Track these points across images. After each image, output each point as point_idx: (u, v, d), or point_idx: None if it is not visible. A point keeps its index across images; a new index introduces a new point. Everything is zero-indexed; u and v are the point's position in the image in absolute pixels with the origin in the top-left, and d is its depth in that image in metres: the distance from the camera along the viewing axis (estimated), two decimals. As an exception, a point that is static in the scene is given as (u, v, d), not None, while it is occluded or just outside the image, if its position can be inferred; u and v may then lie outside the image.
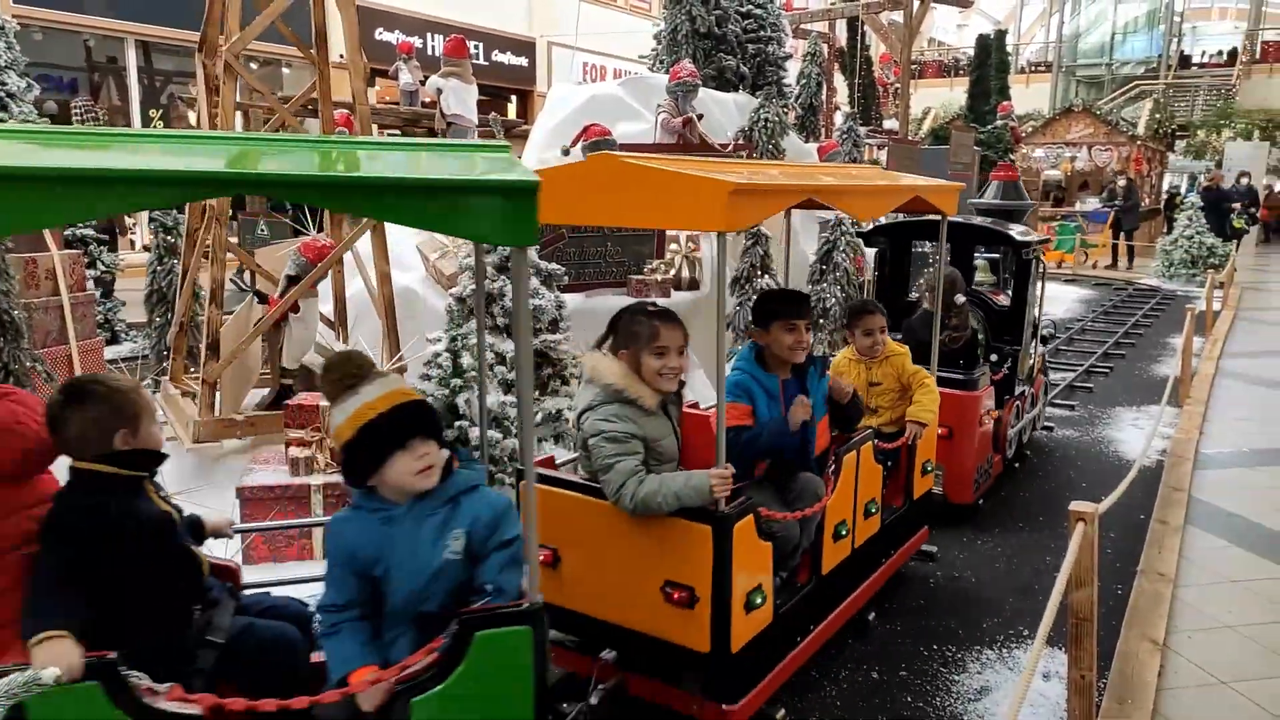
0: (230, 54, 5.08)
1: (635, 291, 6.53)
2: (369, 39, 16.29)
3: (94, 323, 6.12)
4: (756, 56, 9.93)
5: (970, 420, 4.89)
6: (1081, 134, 21.40)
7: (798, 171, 4.08)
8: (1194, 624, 3.90)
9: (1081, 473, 6.00)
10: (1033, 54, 36.60)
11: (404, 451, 2.16)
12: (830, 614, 3.46)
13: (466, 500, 2.24)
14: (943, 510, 4.84)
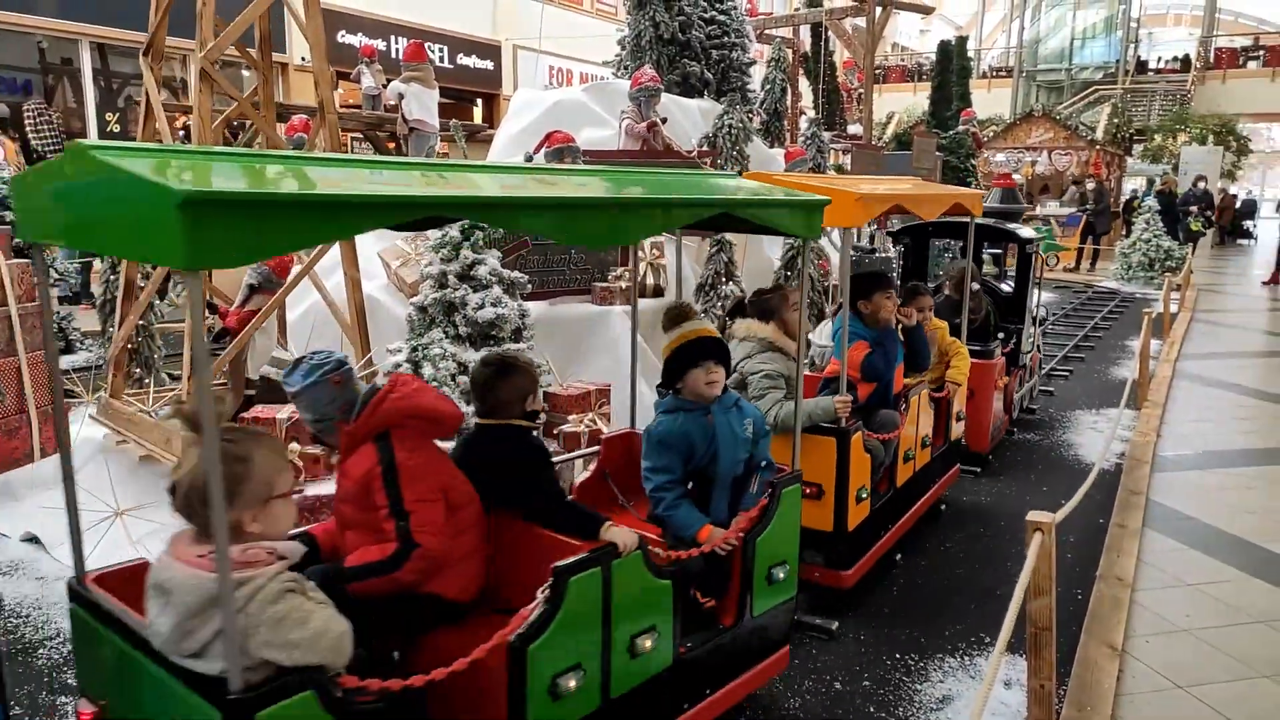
0: (207, 61, 4.99)
1: (600, 299, 6.50)
2: (331, 41, 16.13)
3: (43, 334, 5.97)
4: (721, 62, 9.94)
5: (988, 384, 5.95)
6: (1042, 138, 21.73)
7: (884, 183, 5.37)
8: (1152, 628, 3.94)
9: (1042, 476, 6.07)
10: (994, 59, 37.10)
11: (698, 368, 3.04)
12: (903, 516, 4.57)
13: (742, 404, 3.16)
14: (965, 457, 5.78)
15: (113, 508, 4.42)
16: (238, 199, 1.56)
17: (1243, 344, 10.87)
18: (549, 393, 5.73)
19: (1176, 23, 41.08)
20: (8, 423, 5.47)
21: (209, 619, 1.81)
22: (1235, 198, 26.94)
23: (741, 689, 3.09)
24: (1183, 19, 40.55)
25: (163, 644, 1.89)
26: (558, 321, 6.40)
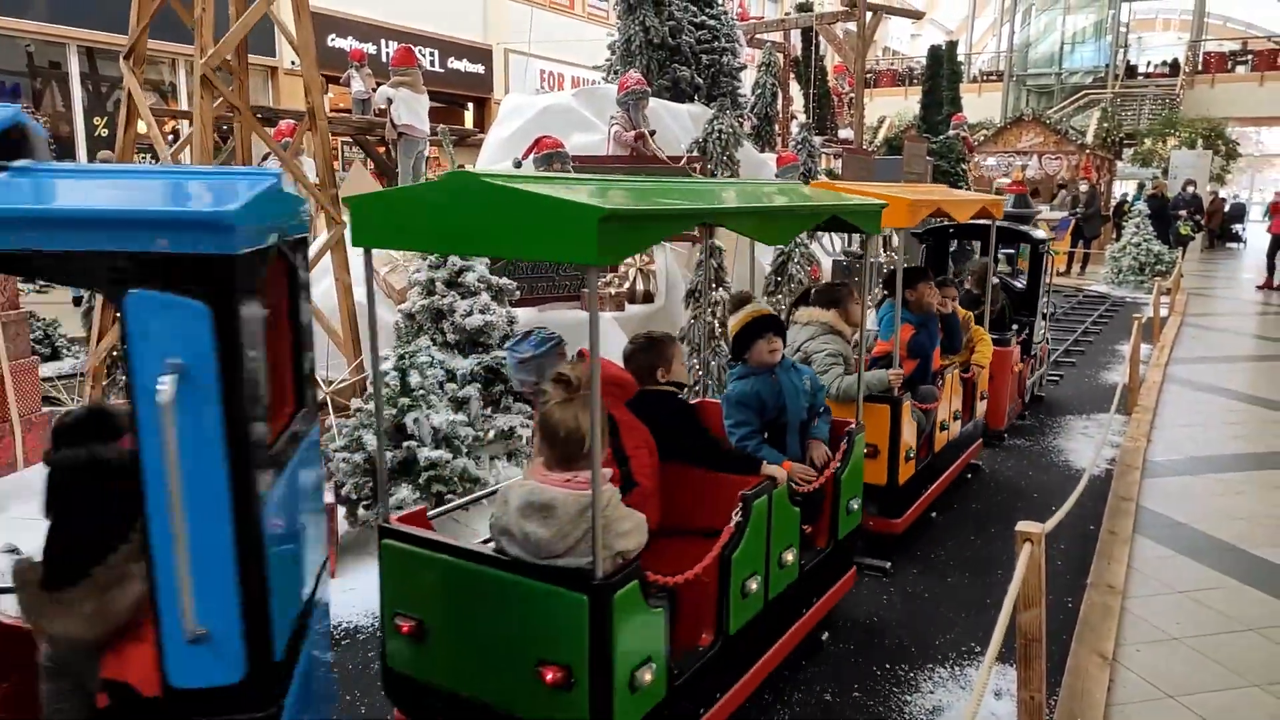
0: (208, 67, 4.96)
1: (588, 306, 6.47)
2: (321, 45, 16.07)
3: (28, 342, 5.90)
4: (711, 67, 9.92)
5: (1005, 370, 6.66)
6: (1032, 143, 21.79)
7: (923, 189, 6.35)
8: (1142, 637, 3.93)
9: (1032, 483, 6.06)
10: (984, 63, 37.21)
11: (761, 340, 3.82)
12: (939, 478, 5.31)
13: (798, 365, 4.02)
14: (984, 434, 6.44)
15: (95, 518, 4.36)
16: (626, 214, 2.28)
17: (1232, 348, 10.90)
18: (538, 400, 5.70)
19: (1165, 27, 41.27)
20: (-10, 432, 5.41)
21: (580, 524, 2.46)
22: (1224, 201, 27.07)
23: (831, 599, 3.85)
24: (1171, 24, 40.74)
25: (536, 550, 2.50)
26: (547, 328, 6.36)
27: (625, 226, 2.28)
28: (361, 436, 4.70)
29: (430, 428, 4.75)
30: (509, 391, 5.63)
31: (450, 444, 4.87)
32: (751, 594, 3.13)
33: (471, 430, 5.07)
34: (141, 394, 1.60)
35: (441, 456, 4.71)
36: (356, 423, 4.79)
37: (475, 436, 5.14)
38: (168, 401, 1.58)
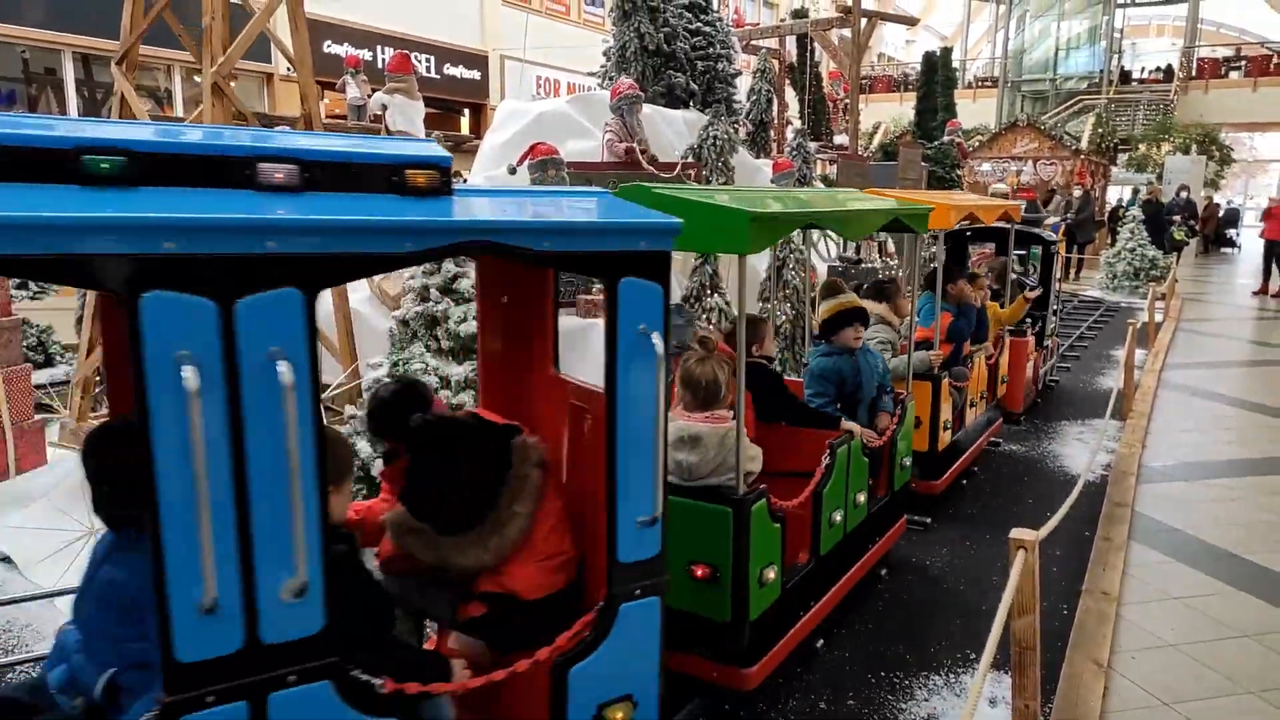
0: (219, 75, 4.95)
1: (584, 311, 6.46)
2: (317, 51, 16.07)
3: (20, 349, 5.88)
4: (706, 73, 9.93)
5: (1022, 357, 7.48)
6: (1027, 148, 21.83)
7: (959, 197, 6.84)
8: (1138, 643, 3.92)
9: (1028, 488, 6.05)
10: (979, 69, 37.31)
11: (850, 327, 4.50)
12: (970, 448, 6.06)
13: (871, 350, 4.72)
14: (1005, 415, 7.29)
15: (86, 526, 4.34)
16: (765, 216, 3.11)
17: (1227, 353, 10.91)
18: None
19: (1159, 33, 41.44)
20: (-18, 439, 5.39)
21: (721, 451, 3.20)
22: (1219, 207, 27.14)
23: (888, 541, 4.56)
24: (1165, 30, 40.91)
25: (688, 473, 3.23)
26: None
27: (764, 225, 3.12)
28: (356, 444, 4.68)
29: (424, 435, 4.74)
30: (503, 398, 5.62)
31: (444, 451, 4.86)
32: (836, 524, 3.94)
33: (466, 437, 5.06)
34: (623, 346, 2.30)
35: (435, 464, 4.69)
36: (350, 430, 4.77)
37: (469, 443, 5.12)
38: (660, 353, 2.31)
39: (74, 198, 1.62)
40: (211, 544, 1.69)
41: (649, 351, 2.29)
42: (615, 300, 2.26)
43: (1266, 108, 28.47)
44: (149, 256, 1.59)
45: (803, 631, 3.59)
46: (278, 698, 1.82)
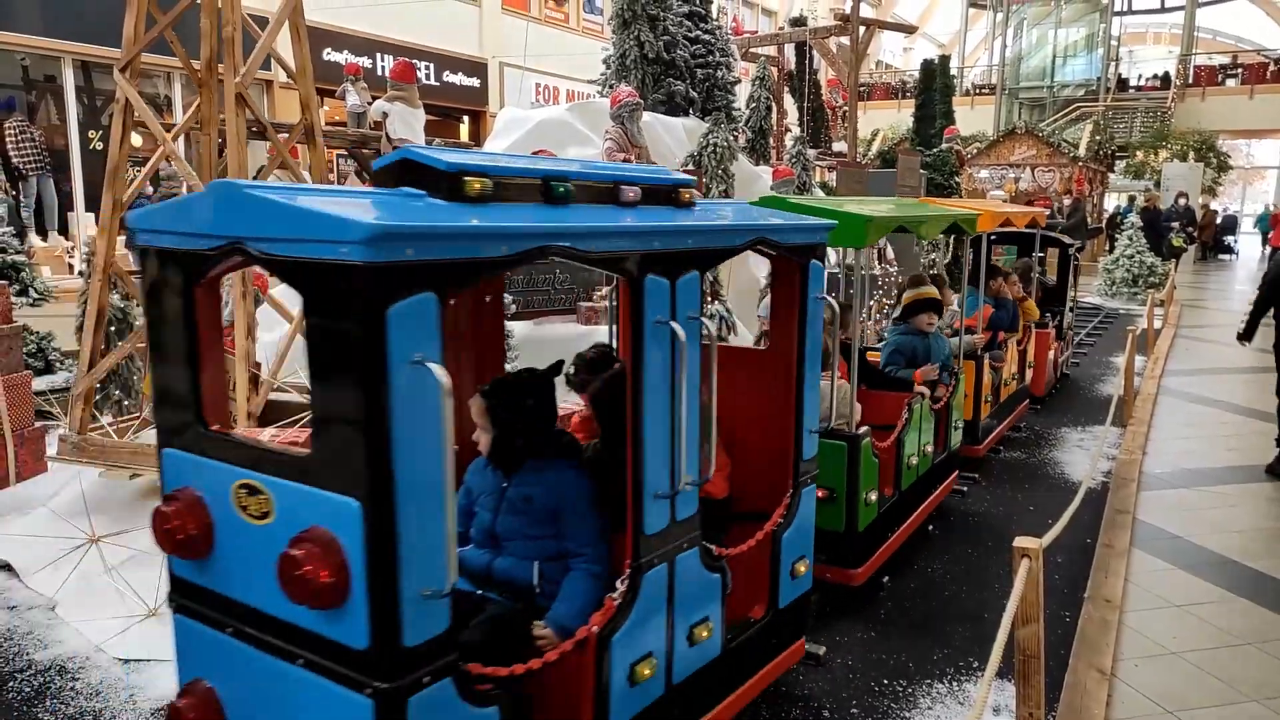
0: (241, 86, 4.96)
1: (585, 319, 6.46)
2: (317, 59, 16.09)
3: (21, 356, 5.87)
4: (706, 81, 9.95)
5: (1044, 347, 8.38)
6: (1025, 155, 21.88)
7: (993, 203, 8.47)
8: (1140, 651, 3.92)
9: (1029, 495, 6.05)
10: (977, 76, 37.42)
11: (924, 313, 5.50)
12: (1004, 422, 7.09)
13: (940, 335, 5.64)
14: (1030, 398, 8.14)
15: (87, 534, 4.33)
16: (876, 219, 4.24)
17: (1226, 360, 10.92)
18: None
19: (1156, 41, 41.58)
20: (-18, 447, 5.38)
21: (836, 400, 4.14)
22: (1216, 214, 27.20)
23: (944, 491, 5.50)
24: (1162, 37, 41.05)
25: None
26: (543, 342, 6.35)
27: (874, 226, 4.24)
28: (356, 451, 4.68)
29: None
30: (505, 405, 5.62)
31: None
32: (912, 466, 4.84)
33: (466, 445, 5.06)
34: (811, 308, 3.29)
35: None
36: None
37: (471, 451, 5.12)
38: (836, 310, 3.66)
39: (560, 213, 2.34)
40: (665, 453, 2.60)
41: (820, 312, 3.36)
42: (805, 276, 3.25)
43: (1263, 115, 28.57)
44: (647, 252, 2.47)
45: (892, 547, 4.62)
46: (682, 557, 2.75)
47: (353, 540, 1.90)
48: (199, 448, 2.25)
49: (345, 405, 1.90)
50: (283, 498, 2.04)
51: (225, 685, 2.26)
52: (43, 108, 13.72)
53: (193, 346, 2.25)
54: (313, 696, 2.02)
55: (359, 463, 1.87)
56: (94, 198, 13.60)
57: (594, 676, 2.46)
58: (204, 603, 2.27)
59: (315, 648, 2.01)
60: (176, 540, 2.21)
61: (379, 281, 1.80)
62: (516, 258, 2.12)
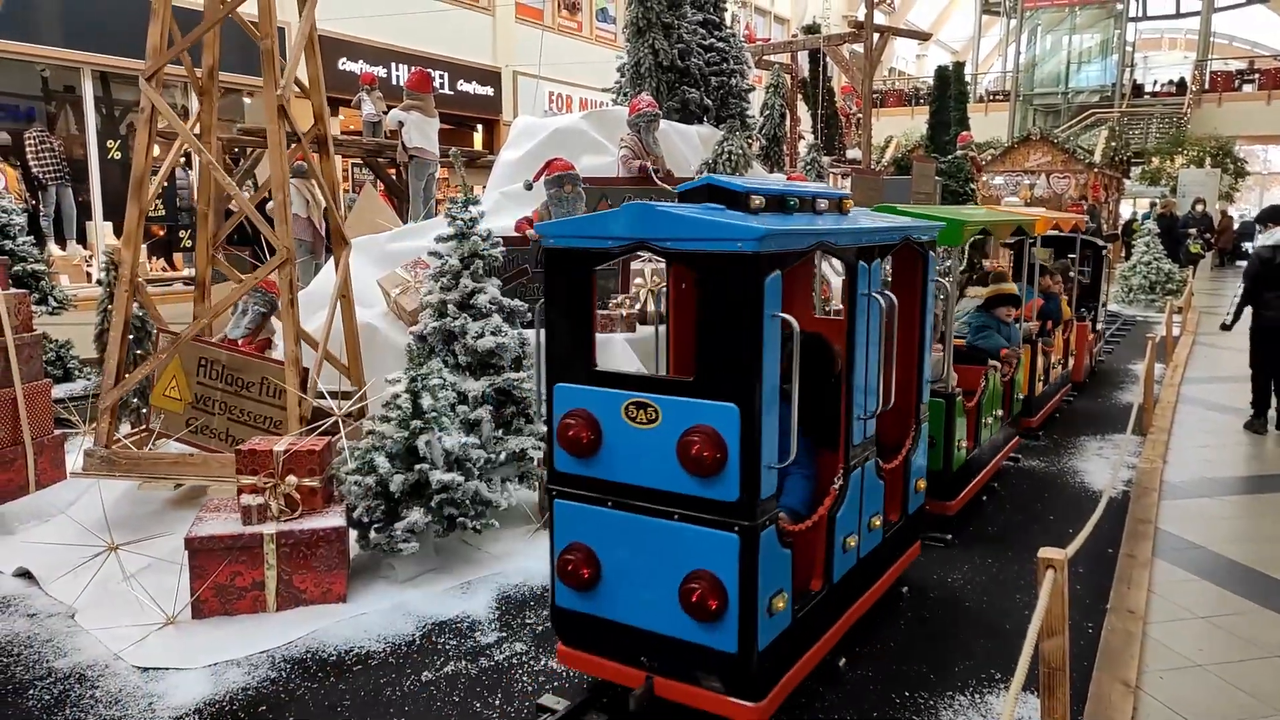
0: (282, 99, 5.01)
1: (600, 327, 6.44)
2: (332, 68, 16.18)
3: (41, 364, 5.91)
4: (720, 89, 9.95)
5: (1083, 338, 9.41)
6: (1040, 162, 21.76)
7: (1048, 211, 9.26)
8: (1165, 663, 3.86)
9: (1049, 505, 5.99)
10: (990, 83, 37.32)
11: (1004, 305, 6.72)
12: (1051, 400, 8.10)
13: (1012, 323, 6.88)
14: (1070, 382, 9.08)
15: (106, 542, 4.34)
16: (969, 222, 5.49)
17: (1246, 367, 10.79)
18: (549, 422, 5.68)
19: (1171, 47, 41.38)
20: (3, 454, 5.41)
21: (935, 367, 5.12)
22: (1234, 220, 27.00)
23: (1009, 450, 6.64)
24: (1178, 43, 40.85)
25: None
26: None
27: (966, 229, 5.33)
28: (373, 459, 4.68)
29: (442, 450, 4.73)
30: (520, 413, 5.61)
31: (462, 466, 4.85)
32: (989, 424, 5.91)
33: (483, 453, 5.05)
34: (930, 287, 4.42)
35: (454, 479, 4.68)
36: (368, 444, 4.77)
37: (487, 459, 5.11)
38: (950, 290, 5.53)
39: (804, 219, 3.36)
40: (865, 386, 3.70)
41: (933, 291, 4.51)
42: (926, 264, 4.36)
43: (1280, 120, 28.35)
44: (859, 246, 3.54)
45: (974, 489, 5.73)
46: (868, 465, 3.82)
47: (731, 431, 2.90)
48: (590, 381, 3.21)
49: (732, 343, 2.88)
50: (668, 408, 3.03)
51: (599, 542, 3.25)
52: (62, 118, 13.85)
53: (587, 312, 3.24)
54: (689, 538, 3.04)
55: (739, 380, 2.88)
56: (112, 206, 13.71)
57: (825, 542, 3.55)
58: (584, 487, 3.26)
59: (692, 506, 3.02)
60: (576, 443, 3.19)
61: (760, 264, 2.83)
62: (810, 250, 3.31)
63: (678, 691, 3.18)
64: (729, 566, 2.97)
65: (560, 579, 3.33)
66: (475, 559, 4.94)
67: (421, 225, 8.12)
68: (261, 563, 4.20)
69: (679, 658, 3.13)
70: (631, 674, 3.26)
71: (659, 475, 3.05)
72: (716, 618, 2.99)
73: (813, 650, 3.47)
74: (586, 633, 3.36)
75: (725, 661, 3.03)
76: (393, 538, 4.59)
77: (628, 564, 3.19)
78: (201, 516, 4.39)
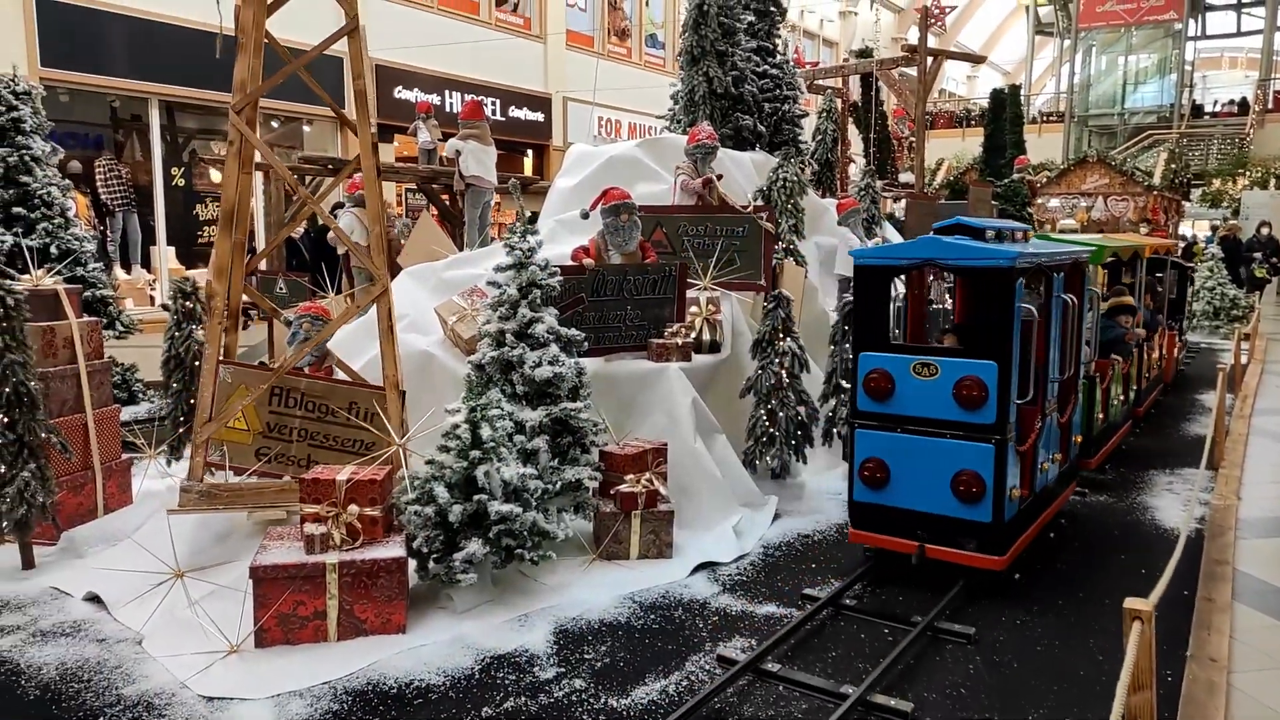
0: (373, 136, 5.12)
1: (656, 355, 6.43)
2: (388, 97, 16.51)
3: (110, 390, 6.06)
4: (773, 115, 9.93)
5: (1173, 344, 10.66)
6: (1097, 184, 21.34)
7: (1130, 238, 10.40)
8: (1253, 716, 3.69)
9: (1120, 544, 5.80)
10: (1043, 104, 36.81)
11: (1123, 314, 8.06)
12: (1145, 401, 8.97)
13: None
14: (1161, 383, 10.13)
15: (172, 568, 4.41)
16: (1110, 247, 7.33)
17: (1320, 398, 10.42)
18: (605, 451, 5.65)
19: (1232, 66, 40.45)
20: (74, 479, 5.54)
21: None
22: (1300, 243, 26.14)
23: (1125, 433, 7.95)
24: (1239, 62, 39.93)
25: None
26: (613, 378, 6.34)
27: (1107, 252, 6.86)
28: (433, 489, 4.69)
29: (500, 481, 4.73)
30: (576, 443, 5.59)
31: (520, 497, 4.84)
32: (1114, 406, 7.29)
33: (540, 483, 5.04)
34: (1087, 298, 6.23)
35: (512, 510, 4.67)
36: (428, 474, 4.78)
37: (544, 489, 5.10)
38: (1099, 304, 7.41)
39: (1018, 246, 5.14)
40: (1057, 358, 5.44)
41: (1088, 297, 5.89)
42: (1083, 277, 5.87)
43: (1349, 140, 27.49)
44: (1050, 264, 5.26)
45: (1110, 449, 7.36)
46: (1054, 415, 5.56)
47: (990, 378, 4.63)
48: (887, 350, 5.02)
49: (994, 324, 4.69)
50: (945, 366, 4.79)
51: (890, 456, 4.97)
52: (129, 146, 14.31)
53: (885, 305, 5.08)
54: (959, 449, 4.76)
55: (998, 347, 4.66)
56: (175, 231, 14.11)
57: (1031, 462, 5.18)
58: (880, 420, 5.00)
59: (960, 429, 4.75)
60: (877, 391, 4.96)
61: (1014, 274, 4.63)
62: (1037, 268, 5.06)
63: (942, 553, 4.88)
64: (987, 465, 4.69)
65: (860, 481, 5.07)
66: (532, 590, 4.92)
67: (477, 253, 8.19)
68: (324, 592, 4.23)
69: (946, 529, 4.86)
70: (904, 544, 4.95)
71: (937, 409, 4.81)
72: (977, 500, 4.70)
73: (1027, 532, 5.18)
74: (874, 517, 5.09)
75: (982, 529, 4.76)
76: (451, 568, 4.60)
77: (911, 468, 4.91)
78: (265, 544, 4.43)
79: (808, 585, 5.06)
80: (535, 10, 20.13)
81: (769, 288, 7.24)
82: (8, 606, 4.68)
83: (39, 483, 4.89)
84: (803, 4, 28.64)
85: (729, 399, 6.82)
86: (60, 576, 4.95)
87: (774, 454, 6.55)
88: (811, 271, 8.69)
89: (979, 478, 4.66)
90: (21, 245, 7.52)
